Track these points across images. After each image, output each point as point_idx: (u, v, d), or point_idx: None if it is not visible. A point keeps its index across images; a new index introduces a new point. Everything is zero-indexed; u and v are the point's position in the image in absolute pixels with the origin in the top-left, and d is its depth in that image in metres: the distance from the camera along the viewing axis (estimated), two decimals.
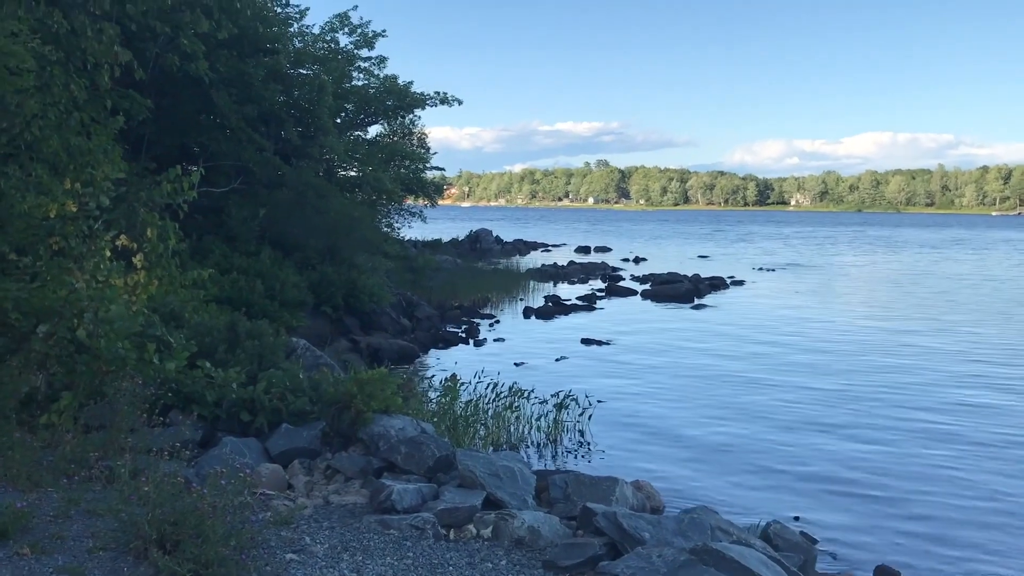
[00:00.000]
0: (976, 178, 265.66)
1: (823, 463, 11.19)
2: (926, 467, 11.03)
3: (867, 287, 37.37)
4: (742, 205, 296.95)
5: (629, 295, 32.25)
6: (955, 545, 8.55)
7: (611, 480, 7.23)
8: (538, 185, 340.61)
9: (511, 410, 12.26)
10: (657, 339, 21.48)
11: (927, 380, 16.45)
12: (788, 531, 7.61)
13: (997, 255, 61.69)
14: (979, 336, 22.22)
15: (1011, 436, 12.49)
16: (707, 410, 13.98)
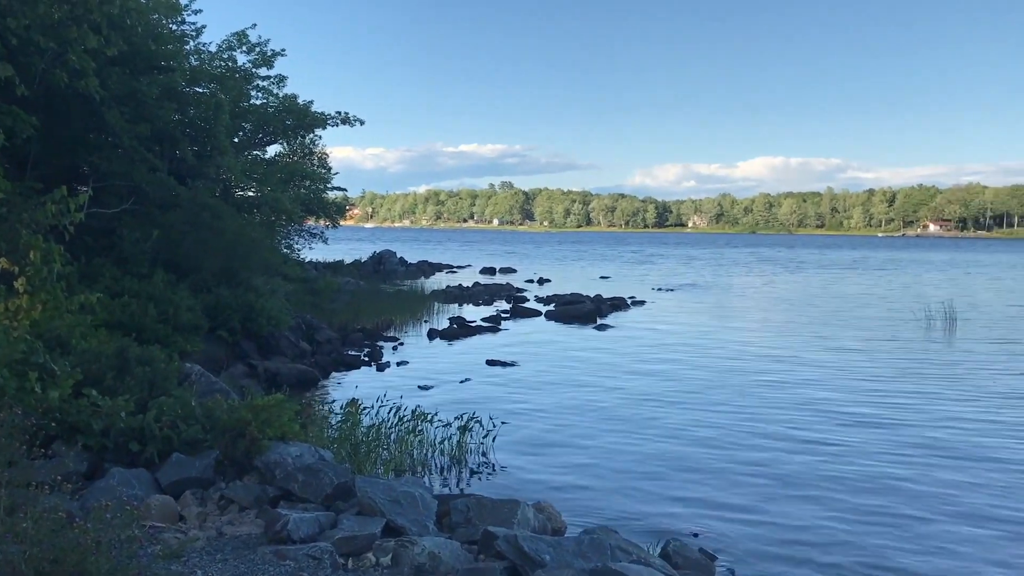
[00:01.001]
0: (863, 200, 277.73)
1: (721, 480, 11.39)
2: (821, 481, 11.33)
3: (762, 306, 38.48)
4: (642, 227, 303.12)
5: (533, 316, 32.43)
6: (850, 554, 8.79)
7: (513, 503, 7.20)
8: (443, 206, 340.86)
9: (414, 434, 12.13)
10: (561, 359, 21.63)
11: (820, 396, 16.98)
12: (687, 548, 7.72)
13: (885, 275, 64.38)
14: (868, 353, 23.09)
15: (899, 448, 12.95)
16: (610, 429, 14.10)
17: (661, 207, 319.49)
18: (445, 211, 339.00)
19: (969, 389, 17.88)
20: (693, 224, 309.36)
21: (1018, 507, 10.34)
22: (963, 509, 10.26)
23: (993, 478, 11.52)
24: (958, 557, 8.79)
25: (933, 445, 13.22)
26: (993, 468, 11.99)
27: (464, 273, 59.94)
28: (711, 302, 39.56)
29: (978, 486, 11.16)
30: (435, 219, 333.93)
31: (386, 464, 11.07)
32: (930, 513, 10.11)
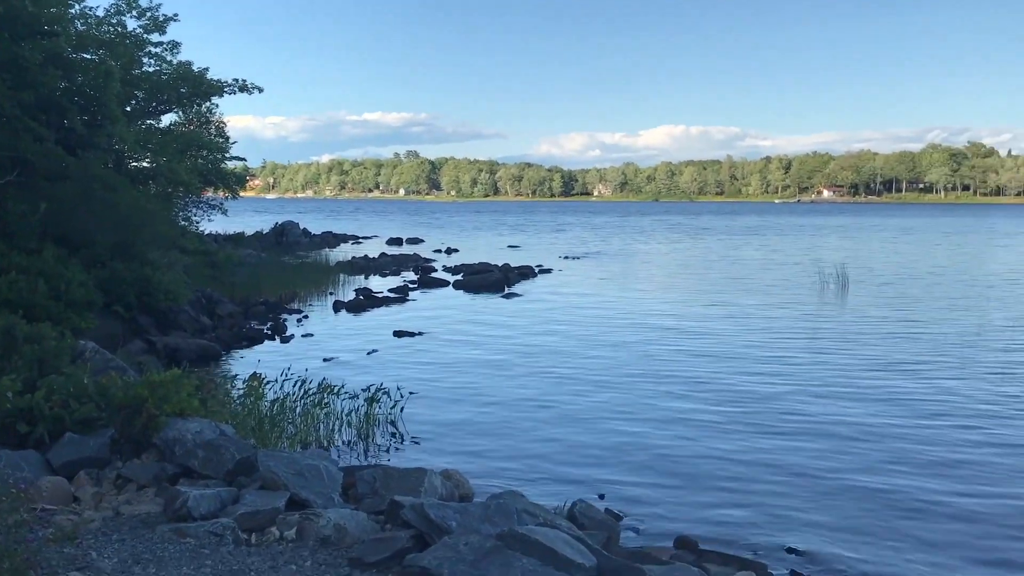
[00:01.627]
0: (760, 168, 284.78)
1: (627, 443, 11.61)
2: (722, 442, 11.66)
3: (666, 273, 39.24)
4: (549, 196, 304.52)
5: (441, 286, 32.34)
6: (748, 513, 9.07)
7: (420, 471, 7.18)
8: (347, 176, 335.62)
9: (320, 407, 11.97)
10: (469, 328, 21.65)
11: (719, 360, 17.43)
12: (593, 510, 7.84)
13: (783, 240, 66.31)
14: (765, 317, 23.79)
15: (797, 410, 13.42)
16: (519, 397, 14.20)
17: (567, 176, 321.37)
18: (350, 181, 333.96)
19: (860, 351, 18.60)
20: (598, 193, 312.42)
21: (894, 471, 10.82)
22: (850, 466, 10.70)
23: (862, 447, 12.04)
24: (849, 518, 9.17)
25: (821, 414, 13.72)
26: (865, 436, 12.53)
27: (370, 244, 59.31)
28: (617, 269, 40.13)
29: (852, 447, 11.66)
30: (339, 189, 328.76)
31: (292, 438, 10.92)
32: (815, 471, 10.50)
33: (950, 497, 9.47)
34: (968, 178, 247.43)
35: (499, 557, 4.89)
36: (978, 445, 11.40)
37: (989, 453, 11.06)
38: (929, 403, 13.67)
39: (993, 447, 11.32)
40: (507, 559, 4.87)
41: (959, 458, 10.85)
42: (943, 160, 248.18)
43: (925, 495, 9.54)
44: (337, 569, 5.46)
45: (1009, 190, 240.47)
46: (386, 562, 5.31)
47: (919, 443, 11.50)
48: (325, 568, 5.49)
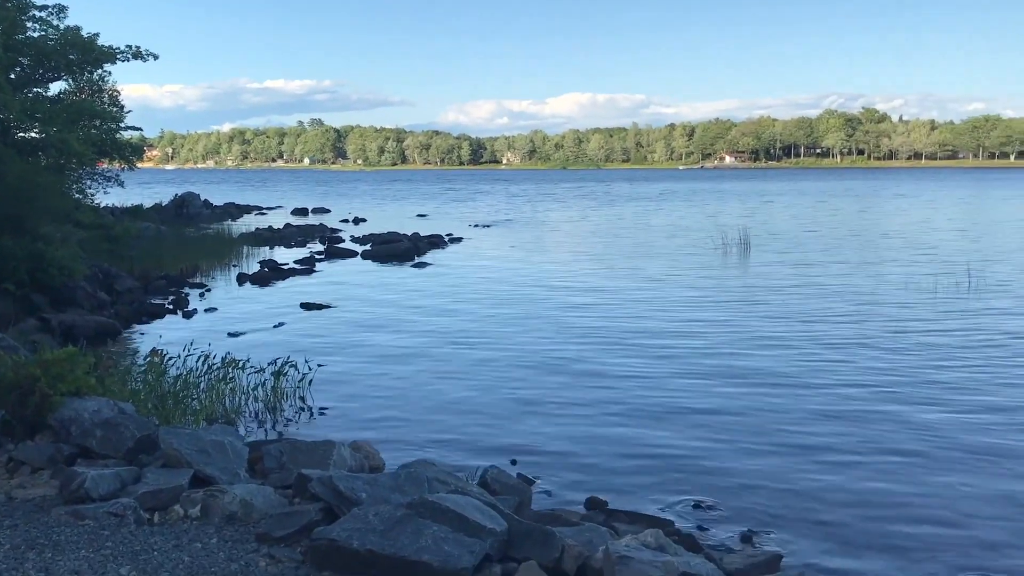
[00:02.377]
0: (665, 135, 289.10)
1: (537, 408, 11.71)
2: (633, 404, 11.86)
3: (575, 240, 39.57)
4: (457, 164, 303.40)
5: (349, 256, 31.93)
6: (658, 472, 9.27)
7: (328, 444, 7.10)
8: (249, 146, 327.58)
9: (225, 382, 11.70)
10: (378, 299, 21.45)
11: (627, 325, 17.69)
12: (505, 475, 7.89)
13: (690, 206, 67.57)
14: (672, 282, 24.26)
15: (703, 370, 13.73)
16: (428, 367, 14.16)
17: (475, 144, 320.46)
18: (252, 151, 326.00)
19: (761, 310, 19.13)
20: (507, 160, 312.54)
21: (793, 428, 11.21)
22: (751, 426, 11.03)
23: (772, 400, 12.44)
24: (755, 473, 9.46)
25: (724, 370, 14.08)
26: (772, 386, 12.94)
27: (275, 215, 58.11)
28: (527, 237, 40.27)
29: (761, 401, 12.04)
30: (242, 159, 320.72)
31: (196, 414, 10.64)
32: (724, 429, 10.80)
33: (849, 446, 9.85)
34: (863, 143, 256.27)
35: (410, 525, 4.87)
36: (870, 396, 11.87)
37: (878, 402, 11.53)
38: (827, 358, 14.15)
39: (880, 398, 11.80)
40: (418, 527, 4.86)
41: (857, 409, 11.28)
42: (839, 126, 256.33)
43: (824, 444, 9.90)
44: (244, 545, 5.36)
45: (900, 154, 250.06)
46: (294, 536, 5.24)
47: (819, 395, 11.91)
48: (232, 544, 5.38)
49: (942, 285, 22.03)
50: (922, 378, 12.88)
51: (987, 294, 20.81)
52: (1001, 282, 22.82)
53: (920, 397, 11.90)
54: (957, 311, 18.52)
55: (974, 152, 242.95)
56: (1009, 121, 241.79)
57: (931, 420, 10.83)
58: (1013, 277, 23.87)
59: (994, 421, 10.83)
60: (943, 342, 15.38)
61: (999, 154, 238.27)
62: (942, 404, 11.53)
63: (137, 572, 5.00)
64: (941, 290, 21.38)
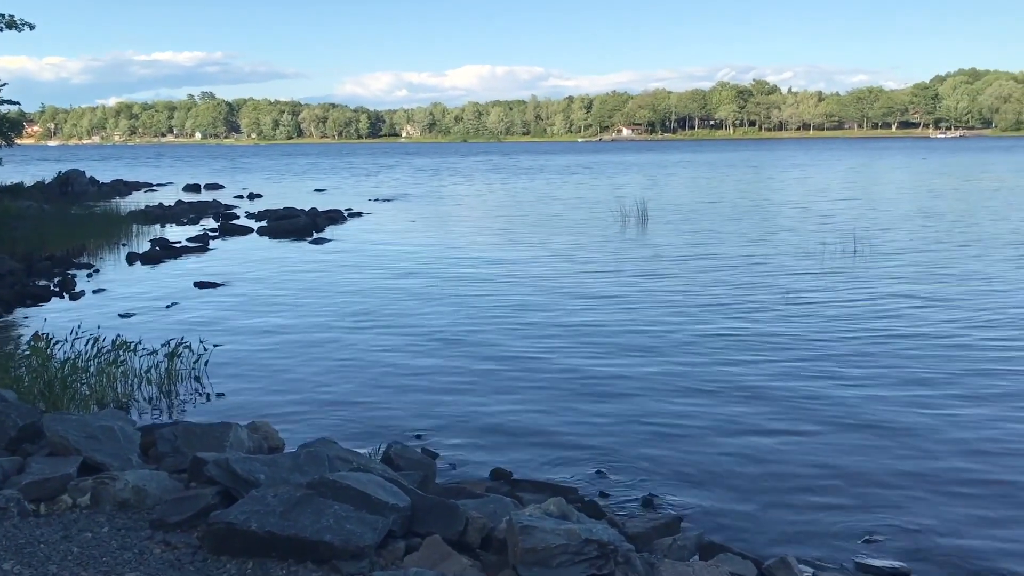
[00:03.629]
0: (564, 108, 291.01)
1: (440, 382, 11.67)
2: (533, 374, 11.94)
3: (478, 214, 39.52)
4: (355, 138, 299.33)
5: (245, 233, 31.15)
6: (561, 442, 9.37)
7: (224, 425, 6.91)
8: (137, 120, 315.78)
9: (116, 365, 11.28)
10: (276, 276, 21.01)
11: (527, 296, 17.79)
12: (409, 451, 7.84)
13: (589, 178, 68.22)
14: (573, 254, 24.50)
15: (601, 340, 13.91)
16: (329, 343, 13.95)
17: (374, 117, 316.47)
18: (140, 126, 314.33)
19: (659, 279, 19.50)
20: (407, 134, 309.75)
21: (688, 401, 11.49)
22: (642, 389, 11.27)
23: (653, 370, 12.72)
24: (653, 440, 9.66)
25: (623, 342, 14.32)
26: (655, 357, 13.24)
27: (165, 191, 56.18)
28: (428, 212, 40.01)
29: (658, 365, 12.30)
30: (129, 134, 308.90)
31: (86, 400, 10.24)
32: (624, 396, 11.00)
33: (746, 412, 10.16)
34: (754, 115, 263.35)
35: (310, 505, 4.79)
36: (764, 364, 12.25)
37: (772, 369, 11.92)
38: (723, 326, 14.52)
39: (774, 367, 12.20)
40: (319, 507, 4.78)
41: (752, 376, 11.62)
42: (731, 98, 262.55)
43: (722, 411, 10.18)
44: (137, 532, 5.18)
45: (790, 125, 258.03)
46: (190, 521, 5.09)
47: (716, 363, 12.22)
48: (124, 533, 5.19)
49: (831, 252, 22.86)
50: (812, 346, 13.34)
51: (873, 261, 21.70)
52: (888, 248, 23.81)
53: (811, 365, 12.31)
54: (844, 277, 19.24)
55: (858, 122, 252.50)
56: (891, 92, 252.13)
57: (821, 388, 11.23)
58: (901, 243, 24.94)
59: (868, 383, 11.33)
60: (833, 312, 15.96)
61: (881, 124, 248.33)
62: (831, 373, 11.95)
63: (22, 567, 4.78)
64: (830, 257, 22.18)
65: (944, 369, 11.77)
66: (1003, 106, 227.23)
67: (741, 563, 6.13)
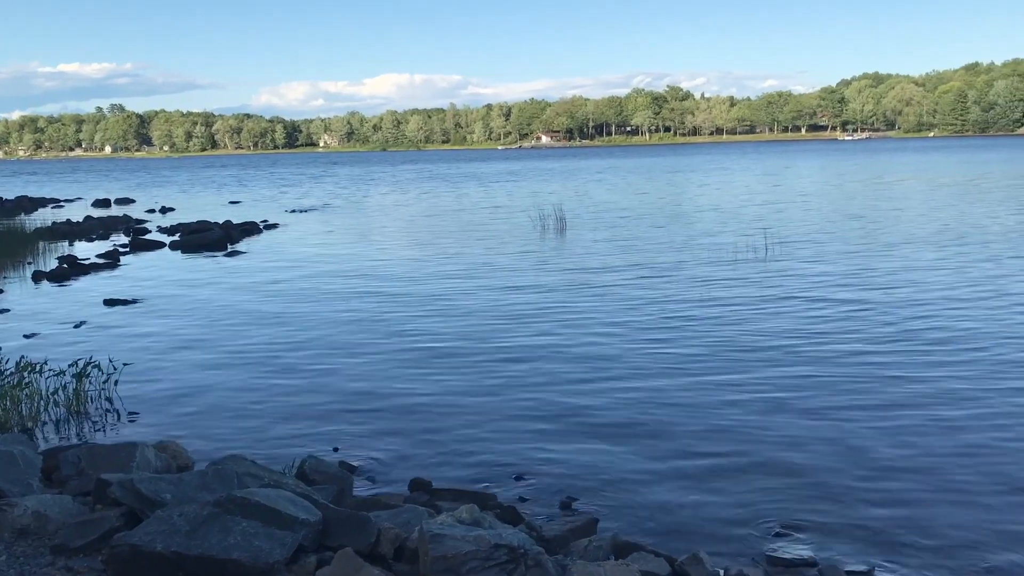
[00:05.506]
0: (483, 115, 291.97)
1: (358, 393, 11.59)
2: (453, 382, 11.95)
3: (398, 224, 39.30)
4: (272, 148, 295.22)
5: (156, 248, 30.41)
6: (480, 449, 9.40)
7: (130, 446, 6.76)
8: (43, 134, 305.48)
9: (20, 388, 10.91)
10: (189, 291, 20.56)
11: (445, 306, 17.79)
12: (325, 464, 7.78)
13: (510, 186, 68.50)
14: (493, 262, 24.59)
15: (521, 347, 14.00)
16: (242, 359, 13.71)
17: (290, 127, 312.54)
18: (46, 139, 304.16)
19: (577, 285, 19.72)
20: (324, 143, 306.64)
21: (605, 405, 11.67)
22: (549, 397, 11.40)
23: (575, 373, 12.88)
24: (576, 444, 9.77)
25: (541, 348, 14.44)
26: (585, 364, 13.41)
27: (74, 207, 54.43)
28: (346, 222, 39.65)
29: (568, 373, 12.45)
30: (35, 149, 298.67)
31: None
32: (541, 401, 11.10)
33: (658, 412, 10.35)
34: (669, 120, 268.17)
35: (217, 524, 4.73)
36: (677, 367, 12.50)
37: (684, 371, 12.18)
38: (634, 327, 14.77)
39: (686, 369, 12.46)
40: (226, 524, 4.72)
41: (664, 379, 11.84)
42: (646, 104, 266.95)
43: (636, 413, 10.35)
44: (38, 559, 5.04)
45: (704, 130, 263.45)
46: (94, 544, 4.97)
47: (628, 367, 12.41)
48: (24, 560, 5.04)
49: (744, 255, 23.42)
50: (725, 349, 13.64)
51: (783, 260, 22.31)
52: (800, 250, 24.51)
53: (724, 366, 12.60)
54: (756, 277, 19.75)
55: (769, 126, 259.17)
56: (799, 97, 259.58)
57: (732, 390, 11.50)
58: (814, 245, 25.70)
59: (777, 385, 11.68)
60: (745, 314, 16.36)
61: (791, 127, 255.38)
62: (742, 375, 12.23)
63: None
64: (741, 259, 22.72)
65: (846, 369, 12.18)
66: (905, 108, 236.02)
67: (654, 561, 6.26)
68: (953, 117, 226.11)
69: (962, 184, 52.24)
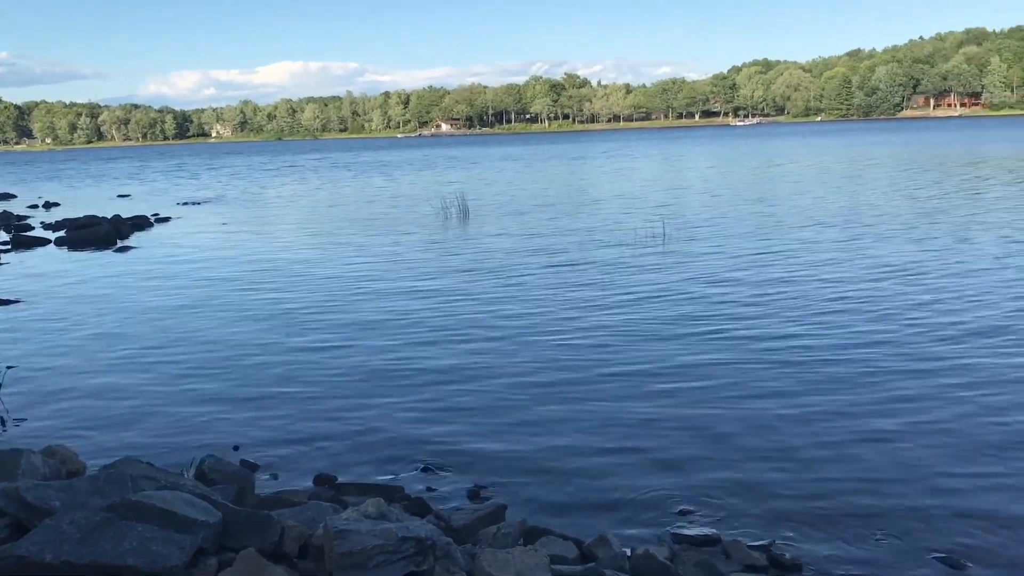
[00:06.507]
0: (381, 103, 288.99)
1: (257, 388, 11.33)
2: (354, 374, 11.78)
3: (296, 215, 38.51)
4: (162, 139, 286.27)
5: (40, 245, 29.07)
6: (385, 440, 9.30)
7: (14, 453, 6.42)
8: None
9: None
10: (76, 290, 19.71)
11: (344, 298, 17.56)
12: (224, 463, 7.57)
13: (412, 175, 67.95)
14: (395, 251, 24.38)
15: (418, 339, 13.91)
16: (134, 358, 13.21)
17: (181, 117, 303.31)
18: None
19: (480, 273, 19.72)
20: (217, 133, 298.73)
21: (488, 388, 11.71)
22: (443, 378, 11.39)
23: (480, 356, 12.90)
24: (477, 427, 9.76)
25: (444, 335, 14.41)
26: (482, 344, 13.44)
27: None
28: (243, 214, 38.68)
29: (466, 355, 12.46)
30: None
31: None
32: (444, 388, 11.07)
33: (559, 397, 10.43)
34: (567, 107, 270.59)
35: (111, 529, 4.53)
36: (579, 350, 12.64)
37: (588, 357, 12.31)
38: (535, 313, 14.87)
39: (590, 354, 12.61)
40: (120, 530, 4.53)
41: (566, 363, 11.95)
42: (545, 91, 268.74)
43: (539, 398, 10.41)
44: None
45: (602, 117, 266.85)
46: None
47: (531, 351, 12.48)
48: None
49: (645, 241, 23.79)
50: (630, 331, 13.86)
51: (682, 246, 22.79)
52: (698, 234, 25.05)
53: (625, 350, 12.81)
54: (656, 262, 20.12)
55: (664, 113, 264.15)
56: (693, 83, 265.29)
57: (635, 373, 11.67)
58: (711, 228, 26.30)
59: (674, 367, 11.93)
60: (642, 296, 16.65)
61: (686, 114, 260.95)
62: (644, 357, 12.45)
63: None
64: (643, 245, 23.09)
65: (745, 354, 12.52)
66: (794, 94, 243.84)
67: (563, 544, 6.31)
68: (838, 102, 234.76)
69: (850, 167, 54.33)
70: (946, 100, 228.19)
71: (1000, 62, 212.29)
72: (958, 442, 8.60)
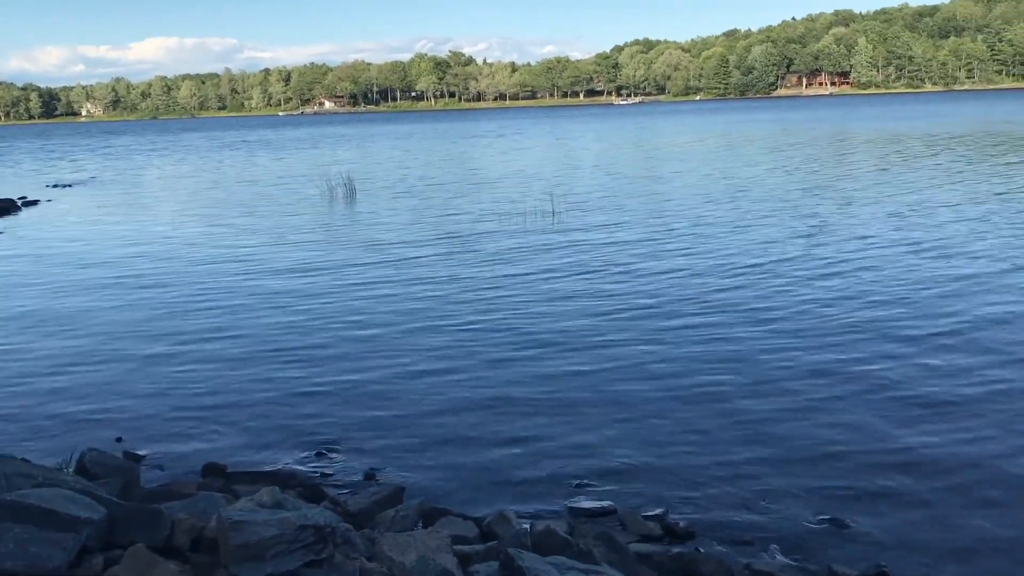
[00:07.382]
0: (261, 81, 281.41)
1: (138, 375, 10.93)
2: (239, 357, 11.48)
3: (175, 197, 37.15)
4: (27, 119, 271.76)
5: None
6: (275, 426, 9.10)
7: None
8: None
9: None
10: None
11: (230, 281, 17.10)
12: (107, 456, 7.27)
13: (296, 153, 66.46)
14: (281, 232, 23.84)
15: (304, 320, 13.66)
16: (14, 349, 12.55)
17: (47, 95, 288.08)
18: None
19: (371, 252, 19.48)
20: (87, 112, 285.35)
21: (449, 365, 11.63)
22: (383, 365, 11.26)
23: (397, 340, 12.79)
24: (375, 411, 9.65)
25: (329, 315, 14.21)
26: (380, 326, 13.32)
27: None
28: (118, 197, 37.03)
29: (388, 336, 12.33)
30: None
31: None
32: (345, 367, 10.91)
33: (450, 375, 10.41)
34: (453, 86, 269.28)
35: None
36: (464, 329, 12.64)
37: (476, 334, 12.33)
38: (425, 293, 14.81)
39: (479, 331, 12.63)
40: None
41: (453, 340, 11.94)
42: (430, 69, 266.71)
43: (427, 374, 10.38)
44: None
45: (488, 95, 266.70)
46: None
47: (417, 330, 12.41)
48: None
49: (534, 221, 23.91)
50: (518, 310, 13.93)
51: (570, 222, 23.03)
52: (584, 209, 25.34)
53: (517, 326, 12.89)
54: (545, 242, 20.28)
55: (549, 91, 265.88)
56: (577, 62, 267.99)
57: (530, 350, 11.79)
58: (595, 204, 26.64)
59: (567, 342, 12.07)
60: (531, 273, 16.78)
61: (570, 93, 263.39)
62: (534, 334, 12.55)
63: None
64: (533, 224, 23.20)
65: (635, 333, 12.76)
66: (674, 73, 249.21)
67: (462, 524, 6.30)
68: (717, 81, 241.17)
69: (729, 144, 55.92)
70: (817, 79, 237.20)
71: (867, 43, 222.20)
72: (846, 415, 8.96)
